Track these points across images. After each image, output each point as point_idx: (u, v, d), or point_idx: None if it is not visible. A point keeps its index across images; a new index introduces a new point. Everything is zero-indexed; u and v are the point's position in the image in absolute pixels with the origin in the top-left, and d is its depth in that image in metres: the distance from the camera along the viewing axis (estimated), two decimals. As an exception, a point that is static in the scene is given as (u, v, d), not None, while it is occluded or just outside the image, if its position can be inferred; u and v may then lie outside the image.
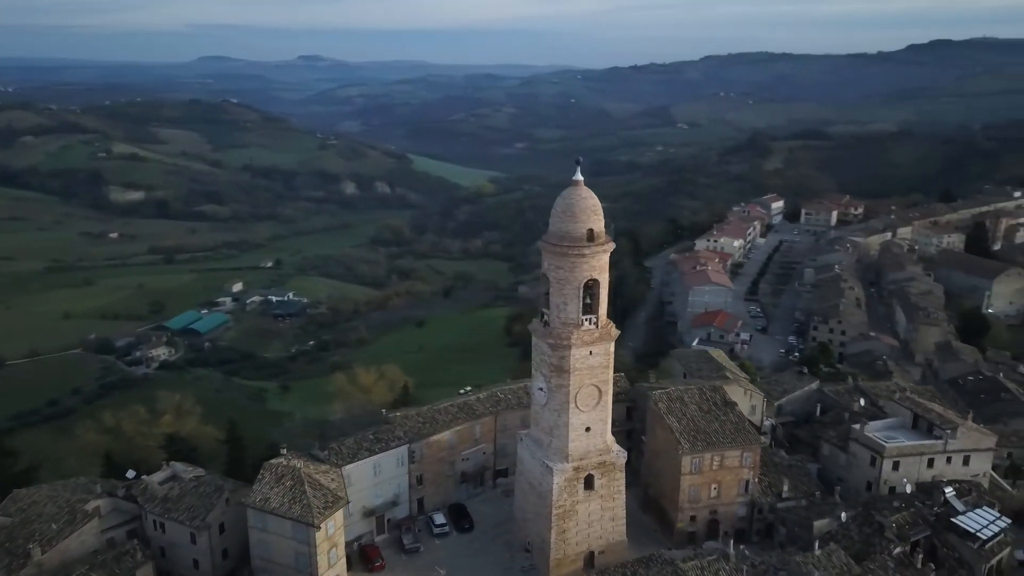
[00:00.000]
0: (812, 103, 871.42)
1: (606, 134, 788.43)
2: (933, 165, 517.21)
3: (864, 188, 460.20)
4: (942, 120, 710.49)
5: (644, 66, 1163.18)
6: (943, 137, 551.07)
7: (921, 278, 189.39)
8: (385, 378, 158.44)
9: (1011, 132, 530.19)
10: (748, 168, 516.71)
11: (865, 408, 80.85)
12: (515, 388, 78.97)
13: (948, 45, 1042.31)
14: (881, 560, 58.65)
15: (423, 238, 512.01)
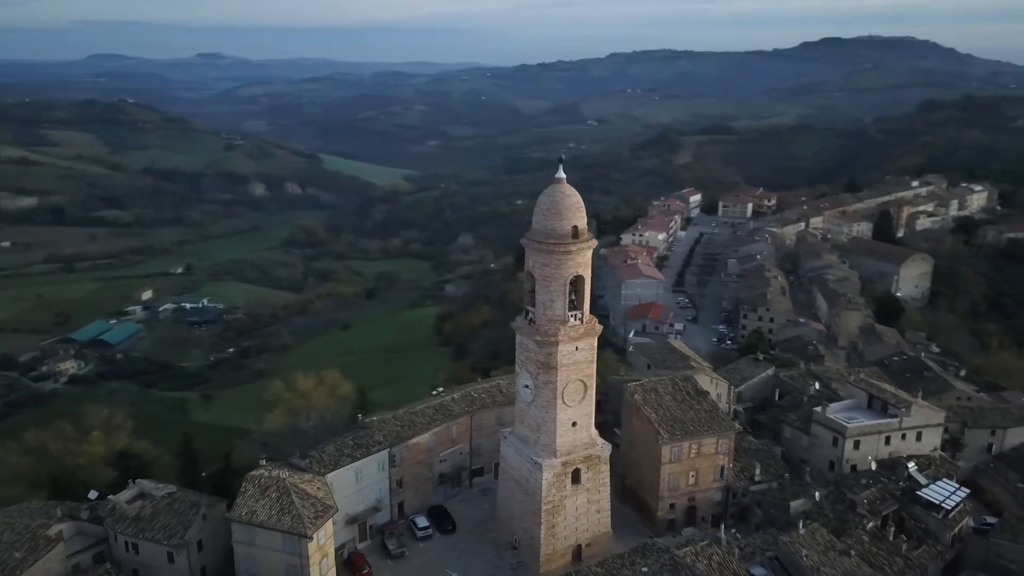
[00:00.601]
0: (714, 99, 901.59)
1: (518, 131, 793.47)
2: (830, 157, 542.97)
3: (768, 180, 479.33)
4: (835, 114, 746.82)
5: (552, 64, 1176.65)
6: (838, 130, 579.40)
7: (837, 265, 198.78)
8: (325, 383, 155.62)
9: (899, 125, 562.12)
10: (659, 163, 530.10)
11: (820, 391, 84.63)
12: (488, 387, 79.02)
13: (838, 43, 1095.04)
14: (857, 535, 61.71)
15: (339, 239, 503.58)
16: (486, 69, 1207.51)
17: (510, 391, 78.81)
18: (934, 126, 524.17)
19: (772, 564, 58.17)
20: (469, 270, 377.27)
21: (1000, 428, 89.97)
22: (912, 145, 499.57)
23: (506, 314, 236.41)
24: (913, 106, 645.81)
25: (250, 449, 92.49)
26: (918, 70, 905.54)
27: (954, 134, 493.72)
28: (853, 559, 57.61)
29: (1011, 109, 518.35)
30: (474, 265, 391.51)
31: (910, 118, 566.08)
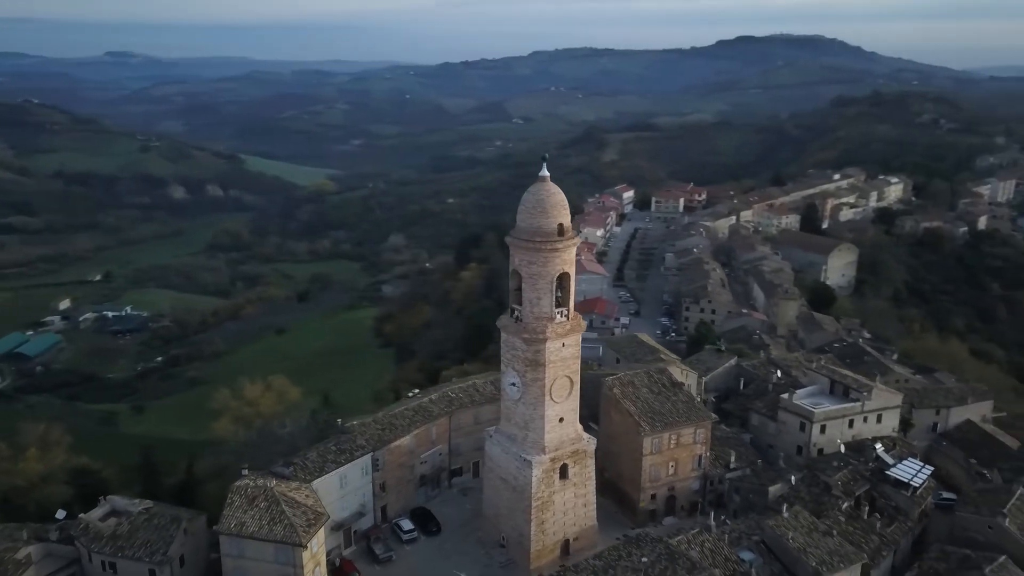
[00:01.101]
0: (636, 96, 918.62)
1: (444, 129, 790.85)
2: (750, 152, 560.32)
3: (692, 175, 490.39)
4: (752, 111, 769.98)
5: (475, 62, 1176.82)
6: (757, 126, 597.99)
7: (771, 257, 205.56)
8: (273, 389, 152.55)
9: (813, 121, 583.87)
10: (587, 160, 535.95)
11: (782, 379, 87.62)
12: (465, 387, 78.88)
13: (751, 41, 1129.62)
14: (833, 516, 64.25)
15: (266, 241, 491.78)
16: (409, 67, 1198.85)
17: (487, 390, 79.18)
18: (846, 121, 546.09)
19: (759, 548, 60.04)
20: (404, 270, 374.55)
21: (944, 408, 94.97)
22: (827, 140, 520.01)
23: (447, 314, 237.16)
24: (825, 102, 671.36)
25: (213, 459, 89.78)
26: (828, 67, 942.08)
27: (866, 129, 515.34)
28: (836, 539, 60.00)
29: (916, 105, 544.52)
30: (408, 265, 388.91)
31: (824, 114, 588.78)
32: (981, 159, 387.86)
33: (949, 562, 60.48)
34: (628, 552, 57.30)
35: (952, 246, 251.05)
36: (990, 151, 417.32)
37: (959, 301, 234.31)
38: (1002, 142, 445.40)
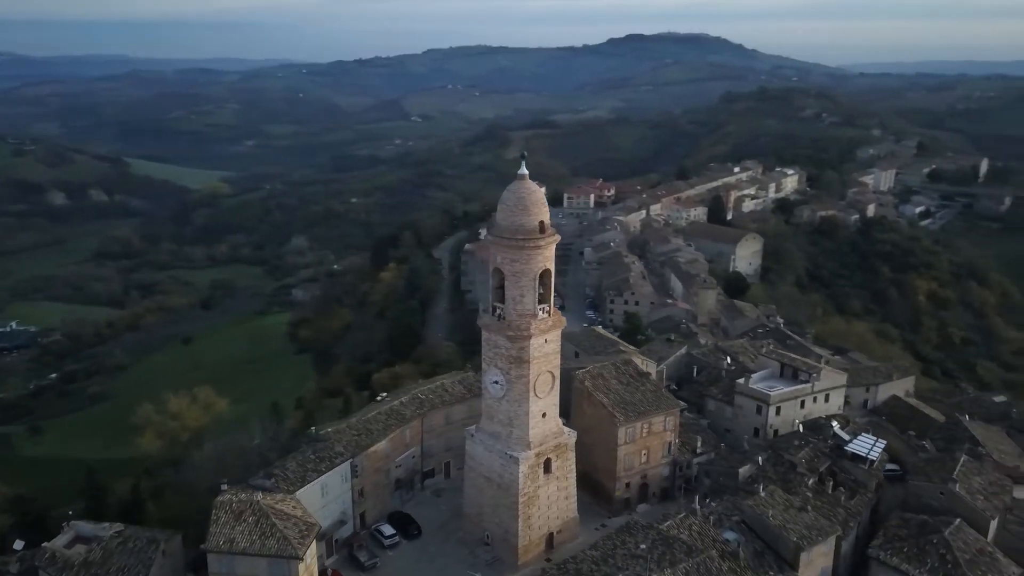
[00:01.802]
0: (533, 94, 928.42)
1: (341, 128, 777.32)
2: (647, 147, 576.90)
3: (593, 170, 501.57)
4: (644, 107, 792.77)
5: (369, 59, 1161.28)
6: (652, 122, 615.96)
7: (684, 248, 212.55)
8: (198, 401, 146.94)
9: (704, 116, 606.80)
10: (491, 158, 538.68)
11: (731, 365, 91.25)
12: (434, 387, 78.44)
13: (640, 39, 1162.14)
14: (801, 492, 67.61)
15: (159, 248, 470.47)
16: (301, 66, 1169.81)
17: (456, 390, 79.09)
18: (736, 116, 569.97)
19: (740, 527, 62.56)
20: (312, 273, 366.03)
21: (873, 385, 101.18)
22: (718, 134, 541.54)
23: (367, 316, 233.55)
24: (714, 98, 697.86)
25: (163, 477, 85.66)
26: (714, 65, 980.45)
27: (754, 123, 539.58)
28: (811, 514, 63.24)
29: (799, 100, 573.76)
30: (315, 268, 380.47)
31: (714, 109, 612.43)
32: (862, 151, 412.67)
33: (909, 528, 64.69)
34: (622, 540, 58.60)
35: (846, 233, 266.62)
36: (869, 143, 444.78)
37: (855, 285, 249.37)
38: (878, 134, 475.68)
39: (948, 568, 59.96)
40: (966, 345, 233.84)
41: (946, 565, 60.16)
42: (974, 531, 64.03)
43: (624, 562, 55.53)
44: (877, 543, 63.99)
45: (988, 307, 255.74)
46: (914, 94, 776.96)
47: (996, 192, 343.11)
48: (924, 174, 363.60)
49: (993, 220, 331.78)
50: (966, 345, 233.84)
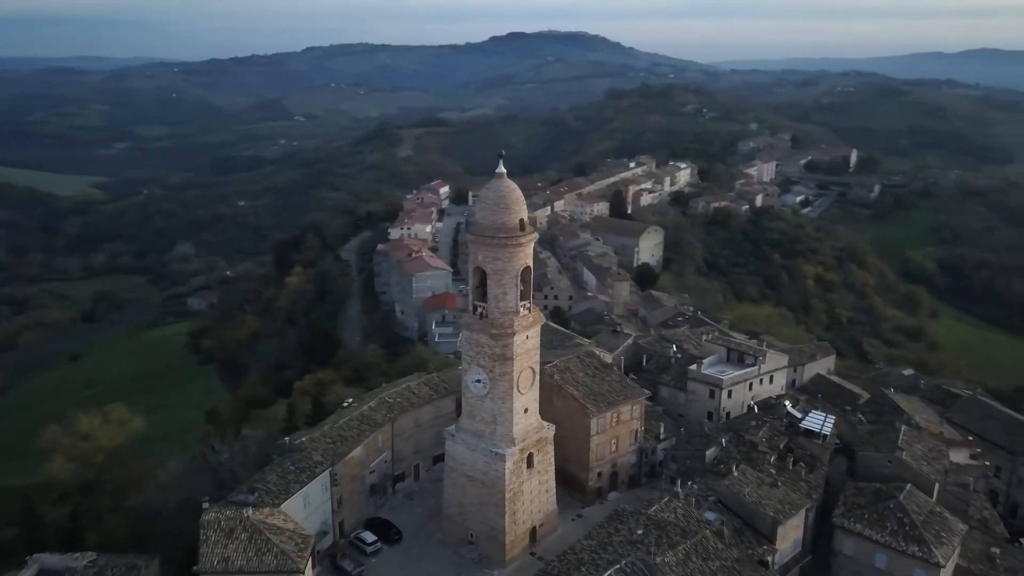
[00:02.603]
0: (418, 91, 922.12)
1: (220, 129, 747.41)
2: (538, 145, 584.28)
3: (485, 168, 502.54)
4: (529, 104, 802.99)
5: (246, 58, 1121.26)
6: (540, 120, 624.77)
7: (593, 243, 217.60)
8: (111, 420, 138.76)
9: (590, 113, 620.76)
10: (382, 157, 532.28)
11: (677, 352, 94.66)
12: (400, 390, 77.55)
13: (522, 37, 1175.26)
14: (766, 470, 71.27)
15: (27, 260, 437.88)
16: (172, 64, 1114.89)
17: (422, 392, 78.62)
18: (620, 112, 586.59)
19: (718, 507, 65.36)
20: (204, 280, 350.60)
21: (799, 365, 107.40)
22: (605, 130, 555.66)
23: (276, 323, 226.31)
24: (597, 95, 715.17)
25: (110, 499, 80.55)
26: (594, 62, 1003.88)
27: (638, 119, 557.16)
28: (781, 489, 66.83)
29: (680, 96, 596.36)
30: (207, 275, 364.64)
31: (599, 106, 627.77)
32: (743, 144, 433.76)
33: (866, 496, 69.39)
34: (615, 528, 60.11)
35: (738, 223, 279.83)
36: (747, 136, 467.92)
37: (750, 272, 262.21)
38: (755, 128, 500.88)
39: (906, 530, 64.76)
40: (852, 324, 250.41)
41: (904, 527, 64.96)
42: (923, 494, 69.41)
43: (623, 548, 56.99)
44: (839, 512, 68.26)
45: (868, 288, 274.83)
46: (781, 90, 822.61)
47: (866, 181, 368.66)
48: (801, 165, 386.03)
49: (864, 207, 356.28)
50: (852, 324, 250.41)
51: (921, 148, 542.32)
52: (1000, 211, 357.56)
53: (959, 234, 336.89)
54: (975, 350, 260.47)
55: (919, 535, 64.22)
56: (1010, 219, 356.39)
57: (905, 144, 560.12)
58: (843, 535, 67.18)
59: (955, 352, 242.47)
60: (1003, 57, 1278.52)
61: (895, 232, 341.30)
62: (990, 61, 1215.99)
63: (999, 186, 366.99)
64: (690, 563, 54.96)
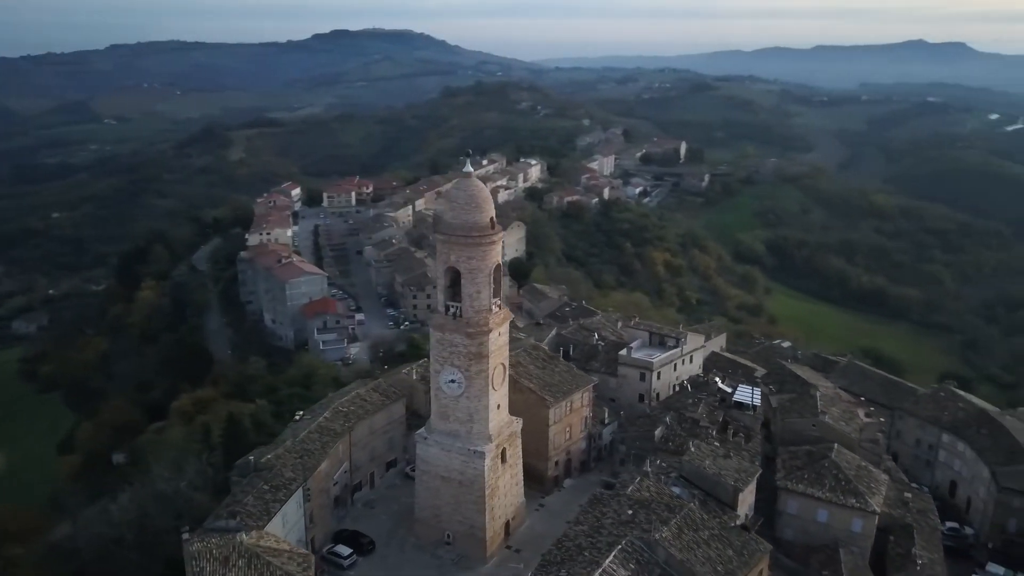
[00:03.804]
0: (240, 91, 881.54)
1: (18, 135, 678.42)
2: (376, 143, 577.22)
3: (324, 168, 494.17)
4: (360, 103, 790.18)
5: (40, 56, 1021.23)
6: (378, 118, 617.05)
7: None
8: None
9: (427, 111, 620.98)
10: (212, 160, 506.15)
11: (599, 340, 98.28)
12: (351, 399, 75.41)
13: (346, 35, 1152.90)
14: (711, 442, 76.14)
15: None
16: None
17: (373, 398, 77.15)
18: (457, 111, 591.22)
19: (682, 481, 69.16)
20: (25, 301, 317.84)
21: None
22: (443, 128, 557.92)
23: (129, 341, 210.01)
24: (426, 93, 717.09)
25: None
26: (422, 60, 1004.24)
27: (475, 117, 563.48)
28: (734, 459, 71.70)
29: (515, 94, 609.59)
30: (27, 295, 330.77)
31: (435, 104, 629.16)
32: (580, 139, 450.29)
33: (800, 458, 75.95)
34: (601, 512, 62.07)
35: (590, 215, 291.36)
36: (582, 132, 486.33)
37: (605, 261, 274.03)
38: (588, 124, 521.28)
39: (843, 485, 71.66)
40: (701, 305, 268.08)
41: (840, 483, 71.83)
42: (848, 452, 76.92)
43: (617, 529, 59.11)
44: (781, 475, 74.30)
45: (710, 271, 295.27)
46: (604, 86, 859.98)
47: (696, 171, 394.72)
48: (637, 158, 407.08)
49: (697, 195, 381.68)
50: (701, 305, 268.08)
51: (734, 139, 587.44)
52: (812, 195, 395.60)
53: (781, 217, 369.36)
54: (805, 321, 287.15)
55: (854, 488, 71.28)
56: (821, 201, 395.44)
57: (720, 136, 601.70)
58: (787, 496, 73.21)
59: (790, 324, 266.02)
60: (794, 55, 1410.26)
61: (726, 217, 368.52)
62: (783, 58, 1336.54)
63: (810, 172, 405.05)
64: (684, 535, 58.05)
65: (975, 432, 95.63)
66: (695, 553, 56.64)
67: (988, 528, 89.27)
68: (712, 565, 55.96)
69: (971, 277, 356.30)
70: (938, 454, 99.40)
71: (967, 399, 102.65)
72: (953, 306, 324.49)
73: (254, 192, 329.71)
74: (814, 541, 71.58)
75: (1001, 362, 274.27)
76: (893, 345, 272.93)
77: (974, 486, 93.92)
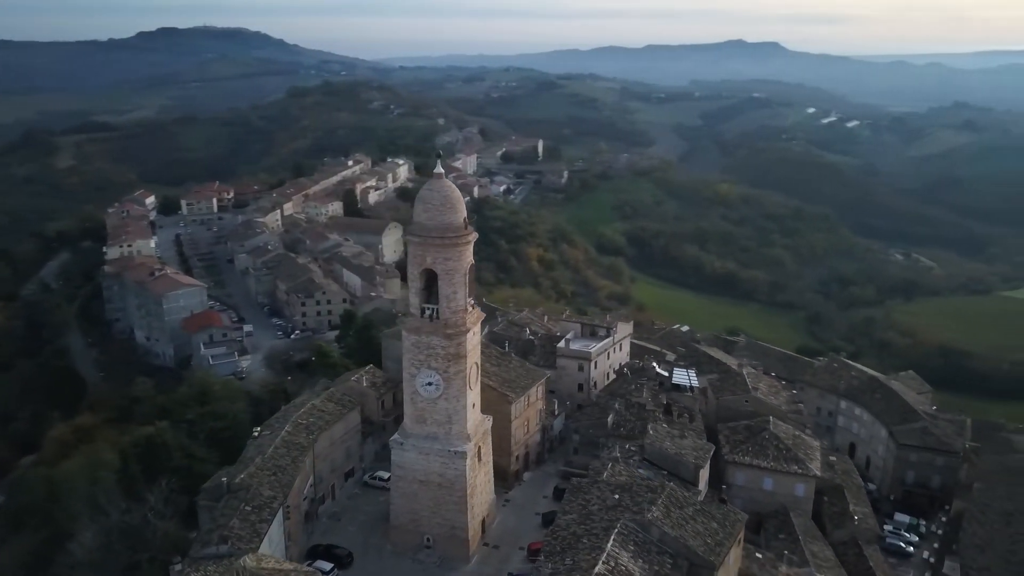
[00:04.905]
0: (58, 93, 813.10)
1: None
2: (222, 146, 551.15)
3: (166, 174, 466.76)
4: (198, 105, 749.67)
5: None
6: (222, 120, 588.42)
7: (344, 243, 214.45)
8: None
9: (275, 112, 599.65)
10: (37, 168, 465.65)
11: (533, 334, 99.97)
12: (308, 410, 72.67)
13: (176, 33, 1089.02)
14: (659, 423, 79.77)
15: None
16: None
17: (329, 408, 74.97)
18: (307, 111, 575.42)
19: (645, 464, 72.15)
20: None
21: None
22: (295, 129, 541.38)
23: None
24: (274, 93, 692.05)
25: None
26: (261, 60, 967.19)
27: (327, 117, 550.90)
28: (688, 439, 75.54)
29: (365, 93, 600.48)
30: None
31: (284, 104, 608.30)
32: (439, 139, 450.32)
33: (740, 433, 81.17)
34: (585, 500, 63.51)
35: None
36: (439, 131, 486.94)
37: (482, 258, 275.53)
38: (443, 123, 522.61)
39: (784, 453, 77.38)
40: (575, 297, 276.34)
41: (782, 452, 77.51)
42: (783, 423, 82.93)
43: (607, 514, 60.78)
44: (727, 450, 79.11)
45: (579, 263, 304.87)
46: (451, 85, 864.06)
47: (555, 167, 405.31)
48: (498, 156, 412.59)
49: (557, 191, 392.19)
50: (575, 297, 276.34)
51: (581, 136, 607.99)
52: (663, 187, 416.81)
53: (637, 209, 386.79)
54: (668, 307, 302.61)
55: (795, 455, 77.12)
56: (672, 193, 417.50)
57: (568, 133, 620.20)
58: (735, 468, 78.07)
59: (657, 311, 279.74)
60: (627, 54, 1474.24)
61: (586, 212, 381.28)
62: (617, 57, 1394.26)
63: (660, 166, 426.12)
64: (672, 513, 60.68)
65: (869, 397, 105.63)
66: (685, 529, 59.41)
67: (889, 483, 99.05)
68: (702, 538, 58.91)
69: (807, 258, 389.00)
70: (837, 420, 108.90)
71: (858, 368, 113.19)
72: (795, 285, 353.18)
73: (90, 202, 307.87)
74: (762, 509, 76.75)
75: (841, 333, 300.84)
76: (748, 324, 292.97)
77: (872, 446, 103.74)
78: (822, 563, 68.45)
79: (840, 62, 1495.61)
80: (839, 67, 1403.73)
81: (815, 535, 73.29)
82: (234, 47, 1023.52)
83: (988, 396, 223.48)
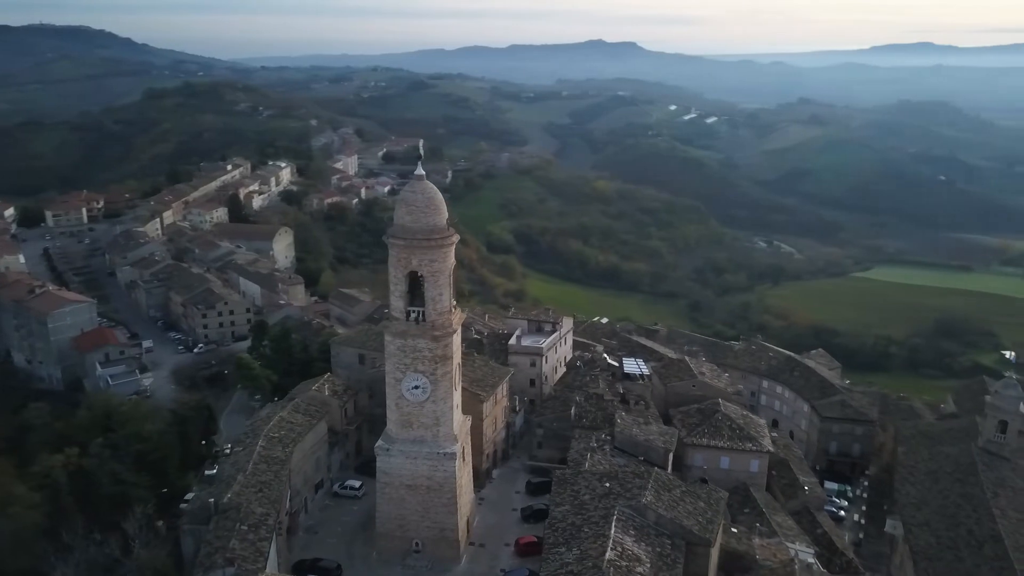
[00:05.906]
0: None
1: None
2: (74, 152, 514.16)
3: (11, 184, 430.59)
4: (39, 108, 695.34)
5: None
6: (72, 124, 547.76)
7: (238, 251, 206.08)
8: None
9: (131, 115, 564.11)
10: None
11: (478, 333, 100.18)
12: (278, 422, 69.92)
13: (9, 31, 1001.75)
14: (619, 411, 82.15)
15: None
16: None
17: (297, 420, 72.66)
18: (167, 113, 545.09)
19: (617, 451, 74.32)
20: None
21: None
22: (155, 133, 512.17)
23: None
24: (128, 96, 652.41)
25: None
26: (107, 60, 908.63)
27: (190, 120, 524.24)
28: (653, 425, 78.34)
29: (230, 95, 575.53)
30: None
31: (140, 107, 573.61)
32: (315, 140, 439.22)
33: (693, 416, 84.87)
34: (575, 492, 64.76)
35: (353, 216, 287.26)
36: (313, 133, 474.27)
37: (377, 260, 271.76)
38: (315, 124, 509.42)
39: (737, 433, 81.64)
40: (473, 295, 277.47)
41: (735, 432, 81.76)
42: (730, 404, 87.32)
43: (602, 502, 62.34)
44: (684, 433, 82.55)
45: (474, 262, 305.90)
46: (318, 85, 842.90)
47: (438, 168, 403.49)
48: (380, 157, 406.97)
49: (442, 191, 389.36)
50: (473, 295, 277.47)
51: (457, 135, 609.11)
52: (545, 184, 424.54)
53: (522, 207, 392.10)
54: (560, 301, 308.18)
55: (747, 434, 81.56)
56: (553, 190, 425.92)
57: (443, 132, 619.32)
58: (693, 450, 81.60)
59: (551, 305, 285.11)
60: (492, 53, 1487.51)
61: (473, 211, 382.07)
62: (482, 57, 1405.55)
63: (540, 164, 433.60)
64: (663, 496, 62.94)
65: (789, 375, 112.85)
66: (678, 510, 61.83)
67: (814, 454, 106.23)
68: (695, 517, 61.53)
69: (682, 249, 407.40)
70: (760, 398, 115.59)
71: (775, 349, 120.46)
72: (674, 275, 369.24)
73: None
74: (721, 486, 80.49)
75: (721, 318, 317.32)
76: (636, 314, 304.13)
77: (795, 420, 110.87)
78: (787, 532, 72.88)
79: (694, 61, 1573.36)
80: (693, 66, 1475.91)
81: (775, 507, 77.83)
82: (76, 46, 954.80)
83: (859, 370, 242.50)
